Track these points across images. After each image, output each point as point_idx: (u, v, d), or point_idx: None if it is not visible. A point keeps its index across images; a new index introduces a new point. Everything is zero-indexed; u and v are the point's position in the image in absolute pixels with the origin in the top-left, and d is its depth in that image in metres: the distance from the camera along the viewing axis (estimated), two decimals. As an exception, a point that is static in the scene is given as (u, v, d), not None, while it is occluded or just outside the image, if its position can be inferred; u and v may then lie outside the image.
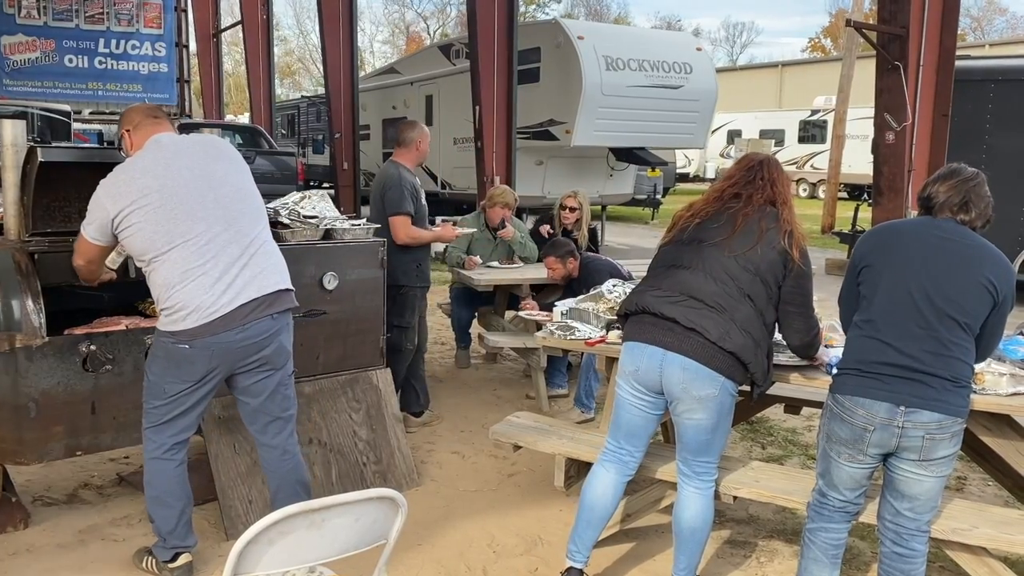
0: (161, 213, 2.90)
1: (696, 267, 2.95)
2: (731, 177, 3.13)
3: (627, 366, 3.03)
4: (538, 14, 42.14)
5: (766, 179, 3.04)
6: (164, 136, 3.10)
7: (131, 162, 3.02)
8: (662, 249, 3.16)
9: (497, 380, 6.40)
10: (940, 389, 2.62)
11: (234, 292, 2.96)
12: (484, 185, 10.40)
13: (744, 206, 3.00)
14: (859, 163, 23.67)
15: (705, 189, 3.68)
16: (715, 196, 3.12)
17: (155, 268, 2.93)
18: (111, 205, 2.91)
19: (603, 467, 3.17)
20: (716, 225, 3.00)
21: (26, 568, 3.34)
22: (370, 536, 2.11)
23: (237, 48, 34.16)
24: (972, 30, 47.85)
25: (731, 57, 59.79)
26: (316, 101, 22.31)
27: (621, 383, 3.08)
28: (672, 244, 3.11)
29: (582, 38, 13.04)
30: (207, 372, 3.01)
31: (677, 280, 2.97)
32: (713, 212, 3.04)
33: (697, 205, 3.14)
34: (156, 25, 16.72)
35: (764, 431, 5.24)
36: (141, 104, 3.41)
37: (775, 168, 3.10)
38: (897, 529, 2.81)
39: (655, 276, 3.09)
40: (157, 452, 3.10)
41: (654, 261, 3.16)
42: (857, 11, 17.90)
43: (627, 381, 3.04)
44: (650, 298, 2.99)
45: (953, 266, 2.65)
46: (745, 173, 3.09)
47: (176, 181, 2.95)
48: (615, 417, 3.14)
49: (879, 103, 7.56)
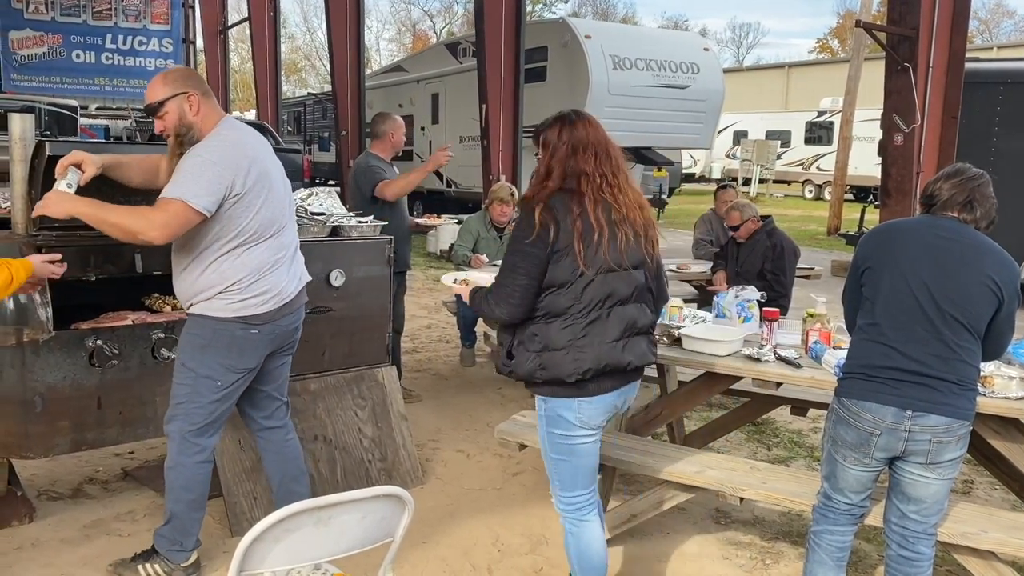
0: (273, 197, 2.98)
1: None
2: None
3: (600, 417, 2.76)
4: (545, 13, 42.05)
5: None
6: (234, 119, 3.14)
7: (238, 139, 2.96)
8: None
9: (502, 379, 6.37)
10: (947, 393, 2.60)
11: (295, 279, 3.13)
12: (490, 184, 10.38)
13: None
14: (865, 165, 23.64)
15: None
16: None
17: (249, 250, 2.92)
18: (236, 178, 2.84)
19: (591, 519, 2.86)
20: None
21: (31, 562, 3.34)
22: (376, 534, 2.10)
23: (244, 45, 34.26)
24: (980, 32, 47.72)
25: (737, 58, 59.74)
26: (322, 98, 22.32)
27: (583, 432, 2.74)
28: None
29: (589, 37, 13.02)
30: (261, 358, 3.08)
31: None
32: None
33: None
34: (163, 21, 16.74)
35: (770, 432, 5.22)
36: (196, 72, 3.32)
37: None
38: (903, 532, 2.80)
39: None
40: (200, 456, 3.08)
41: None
42: (865, 12, 17.85)
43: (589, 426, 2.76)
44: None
45: (955, 266, 2.62)
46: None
47: (277, 168, 3.08)
48: (582, 468, 2.81)
49: (888, 105, 7.52)
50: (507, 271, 2.62)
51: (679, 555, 3.63)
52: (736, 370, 3.51)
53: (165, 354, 3.50)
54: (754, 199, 22.41)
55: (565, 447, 2.74)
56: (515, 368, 2.68)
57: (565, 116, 2.72)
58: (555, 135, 2.68)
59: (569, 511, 2.84)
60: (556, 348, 2.60)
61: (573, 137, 2.65)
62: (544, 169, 2.67)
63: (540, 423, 2.78)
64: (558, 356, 2.60)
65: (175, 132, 2.95)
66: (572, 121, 2.69)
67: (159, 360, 3.51)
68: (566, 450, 2.75)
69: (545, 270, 2.57)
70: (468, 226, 6.36)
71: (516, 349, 2.68)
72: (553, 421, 2.72)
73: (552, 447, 2.78)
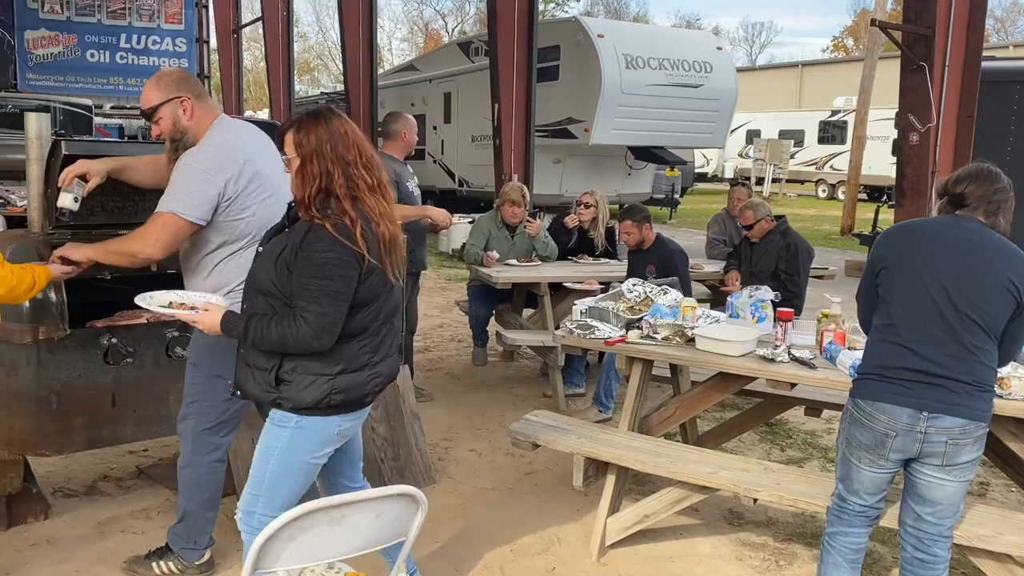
0: (270, 198, 2.95)
1: None
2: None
3: (355, 430, 2.69)
4: (557, 12, 42.03)
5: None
6: (228, 118, 3.09)
7: (230, 141, 2.93)
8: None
9: (514, 378, 6.40)
10: (963, 394, 2.58)
11: None
12: (502, 183, 10.38)
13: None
14: (879, 164, 23.53)
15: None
16: None
17: (249, 251, 2.85)
18: (228, 183, 2.84)
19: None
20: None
21: (46, 558, 3.36)
22: (390, 533, 2.11)
23: (257, 44, 34.35)
24: (996, 31, 47.39)
25: (750, 57, 59.53)
26: (335, 98, 22.35)
27: (329, 451, 2.57)
28: None
29: (602, 36, 13.01)
30: None
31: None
32: None
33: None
34: (177, 21, 16.81)
35: (783, 433, 5.20)
36: (189, 72, 3.29)
37: None
38: (918, 534, 2.78)
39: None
40: (214, 455, 3.09)
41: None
42: (880, 11, 17.75)
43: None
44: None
45: (974, 267, 2.59)
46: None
47: (276, 167, 3.02)
48: (304, 487, 2.59)
49: (903, 104, 7.46)
50: (328, 297, 2.31)
51: (692, 556, 3.62)
52: (750, 370, 3.50)
53: (179, 352, 3.52)
54: (767, 199, 22.30)
55: (303, 466, 2.51)
56: (291, 395, 2.41)
57: (320, 113, 2.46)
58: (316, 134, 2.40)
59: (259, 528, 2.35)
60: (354, 370, 2.44)
61: (334, 135, 2.41)
62: (316, 174, 2.37)
63: (276, 433, 2.48)
64: (355, 378, 2.44)
65: (170, 137, 2.98)
66: (327, 118, 2.44)
67: (173, 358, 3.53)
68: (302, 469, 2.51)
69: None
70: (480, 225, 6.37)
71: (291, 374, 2.41)
72: (306, 436, 2.47)
73: (283, 462, 2.48)
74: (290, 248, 2.38)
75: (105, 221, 3.66)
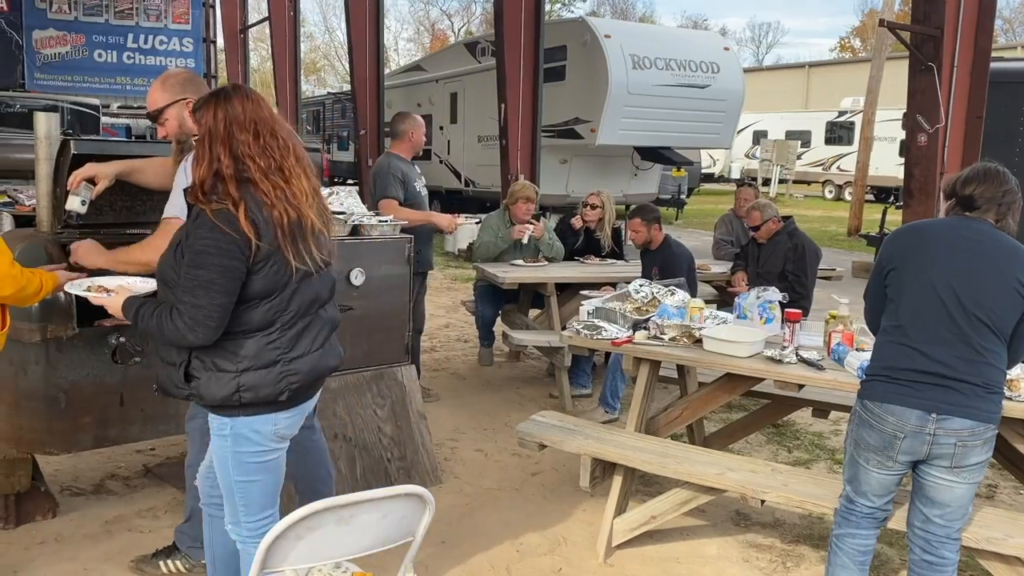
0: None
1: None
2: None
3: (297, 427, 2.57)
4: (563, 12, 42.02)
5: None
6: None
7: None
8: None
9: (520, 378, 6.39)
10: (971, 395, 2.57)
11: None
12: (508, 183, 10.37)
13: None
14: (886, 165, 23.46)
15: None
16: None
17: None
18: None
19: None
20: None
21: (54, 556, 3.37)
22: (397, 533, 2.11)
23: (263, 44, 34.36)
24: (1004, 32, 47.19)
25: (757, 57, 59.39)
26: (341, 98, 22.38)
27: (277, 447, 2.48)
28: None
29: (609, 37, 12.99)
30: None
31: None
32: None
33: None
34: (184, 21, 16.85)
35: (790, 435, 5.19)
36: (194, 74, 3.22)
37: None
38: (927, 536, 2.77)
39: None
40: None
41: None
42: (887, 11, 17.70)
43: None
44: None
45: (983, 268, 2.59)
46: None
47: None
48: (273, 485, 2.53)
49: (911, 105, 7.44)
50: (201, 288, 2.21)
51: (698, 557, 3.62)
52: (758, 372, 3.49)
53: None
54: (773, 199, 22.26)
55: (258, 466, 2.42)
56: (200, 391, 2.32)
57: (220, 91, 2.37)
58: (211, 115, 2.30)
59: (253, 536, 2.46)
60: (262, 366, 2.31)
61: (229, 115, 2.29)
62: (207, 157, 2.27)
63: (220, 443, 2.41)
64: (263, 375, 2.31)
65: (176, 139, 2.98)
66: (228, 97, 2.32)
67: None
68: (259, 469, 2.43)
69: (244, 283, 2.26)
70: (488, 223, 6.37)
71: (199, 370, 2.32)
72: (242, 440, 2.37)
73: (239, 468, 2.41)
74: (183, 236, 2.31)
75: (113, 220, 3.68)
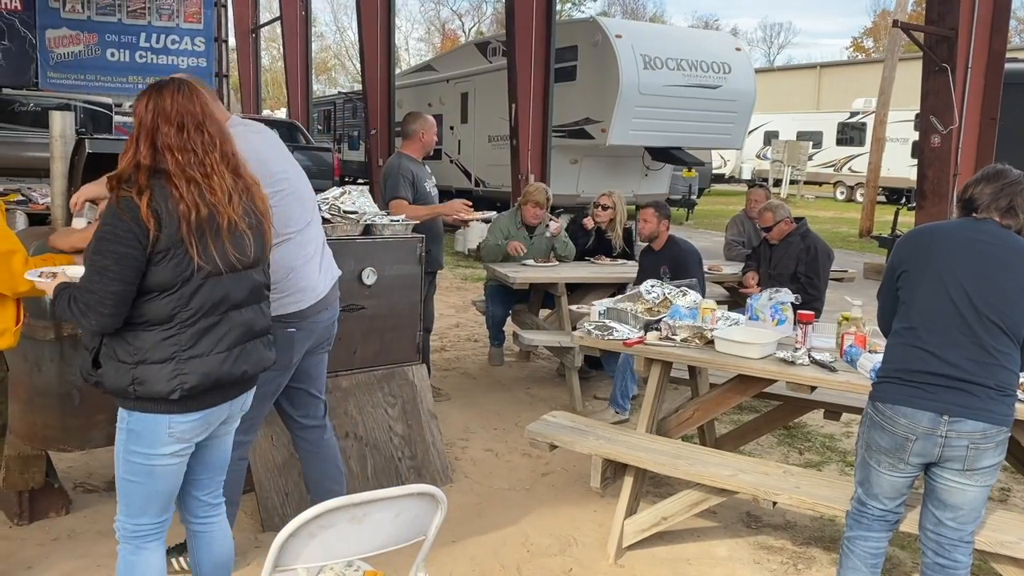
0: (293, 198, 3.01)
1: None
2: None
3: (198, 433, 2.47)
4: (574, 12, 41.98)
5: None
6: (238, 119, 3.11)
7: (246, 142, 2.85)
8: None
9: (530, 378, 6.39)
10: (984, 398, 2.56)
11: (325, 274, 3.15)
12: (519, 183, 10.39)
13: None
14: (898, 167, 23.35)
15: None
16: None
17: (275, 249, 2.81)
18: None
19: (152, 549, 2.55)
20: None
21: (67, 553, 3.39)
22: (409, 532, 2.11)
23: (275, 44, 34.50)
24: (1018, 33, 46.90)
25: (768, 58, 59.24)
26: (352, 97, 22.44)
27: (169, 452, 2.39)
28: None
29: (620, 37, 12.97)
30: (300, 355, 3.09)
31: None
32: None
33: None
34: (196, 20, 16.91)
35: (802, 436, 5.17)
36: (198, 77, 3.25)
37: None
38: (939, 539, 2.75)
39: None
40: (238, 452, 3.05)
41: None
42: (900, 12, 17.62)
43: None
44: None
45: (995, 270, 2.58)
46: None
47: (294, 165, 3.10)
48: (157, 494, 2.45)
49: (925, 105, 7.41)
50: (96, 274, 2.20)
51: (709, 558, 3.61)
52: (770, 373, 3.48)
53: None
54: (785, 200, 22.20)
55: (142, 468, 2.36)
56: (103, 379, 2.31)
57: (157, 83, 2.36)
58: (143, 105, 2.30)
59: (127, 537, 2.47)
60: (156, 361, 2.25)
61: (158, 107, 2.28)
62: (132, 147, 2.28)
63: (118, 435, 2.38)
64: (156, 370, 2.25)
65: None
66: (160, 88, 2.32)
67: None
68: (142, 471, 2.36)
69: (143, 273, 2.22)
70: (498, 223, 6.37)
71: (104, 358, 2.30)
72: (134, 436, 2.33)
73: (125, 465, 2.37)
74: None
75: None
